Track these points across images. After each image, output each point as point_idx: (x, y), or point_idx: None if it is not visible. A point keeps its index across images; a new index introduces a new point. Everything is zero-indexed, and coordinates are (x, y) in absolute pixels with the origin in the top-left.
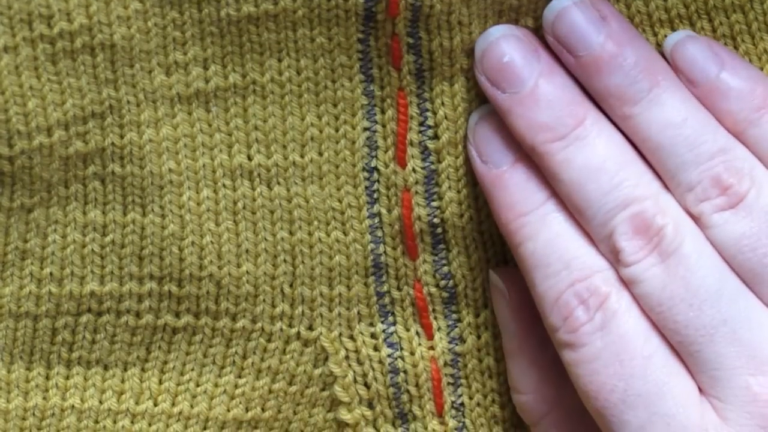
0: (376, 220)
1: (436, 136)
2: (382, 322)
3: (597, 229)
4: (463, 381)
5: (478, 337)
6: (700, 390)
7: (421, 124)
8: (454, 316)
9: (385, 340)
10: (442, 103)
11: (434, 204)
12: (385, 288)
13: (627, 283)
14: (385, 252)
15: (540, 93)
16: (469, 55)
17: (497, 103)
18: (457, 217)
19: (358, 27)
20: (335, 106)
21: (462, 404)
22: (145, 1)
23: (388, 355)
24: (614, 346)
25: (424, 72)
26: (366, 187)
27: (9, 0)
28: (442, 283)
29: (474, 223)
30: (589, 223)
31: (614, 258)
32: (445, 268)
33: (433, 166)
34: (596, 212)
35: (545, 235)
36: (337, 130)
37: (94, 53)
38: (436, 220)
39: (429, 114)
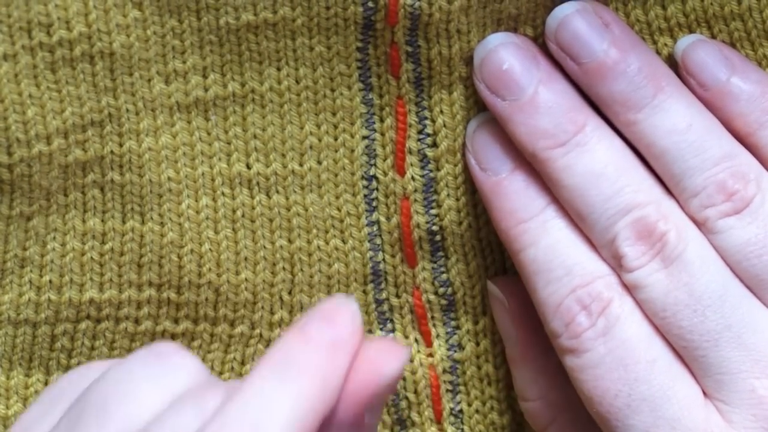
0: (375, 227)
1: (434, 144)
2: (381, 329)
3: (599, 235)
4: (461, 388)
5: (477, 344)
6: (705, 393)
7: (420, 132)
8: (453, 323)
9: None
10: (441, 111)
11: (433, 212)
12: (384, 295)
13: (630, 289)
14: (384, 260)
15: (540, 100)
16: (467, 63)
17: (497, 111)
18: (456, 225)
19: (357, 36)
20: (334, 114)
21: (461, 411)
22: (144, 10)
23: None
24: (618, 351)
25: (423, 80)
26: (365, 195)
27: (8, 8)
28: (441, 290)
29: (473, 230)
30: (590, 229)
31: (616, 264)
32: (444, 276)
33: (432, 174)
34: (598, 218)
35: (546, 241)
36: (336, 139)
37: (93, 61)
38: (434, 228)
39: (428, 122)
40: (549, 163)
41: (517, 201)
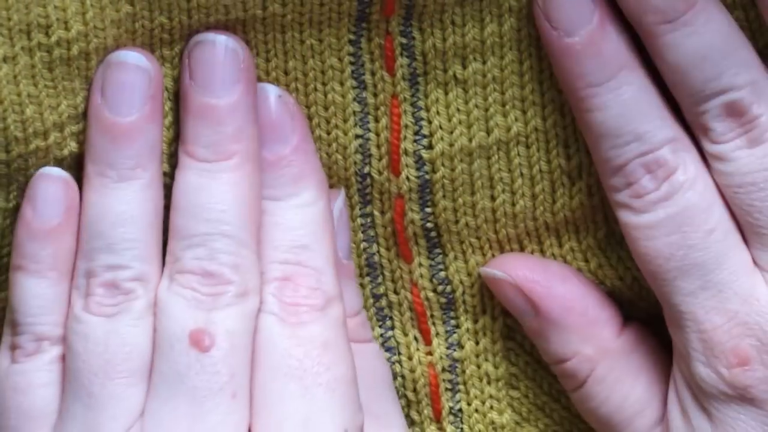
0: (369, 219)
1: (430, 146)
2: (380, 326)
3: (690, 108)
4: (461, 387)
5: (477, 343)
6: (755, 263)
7: (416, 133)
8: (453, 321)
9: (383, 344)
10: (437, 113)
11: (428, 209)
12: (382, 290)
13: (708, 157)
14: (378, 252)
15: None
16: (464, 63)
17: None
18: (453, 224)
19: (349, 28)
20: (326, 109)
21: (460, 410)
22: (136, 5)
23: (387, 359)
24: (677, 218)
25: (418, 77)
26: (358, 190)
27: (8, 12)
28: (440, 288)
29: (471, 229)
30: (682, 101)
31: (702, 133)
32: (442, 273)
33: (427, 176)
34: (694, 96)
35: (617, 108)
36: (328, 134)
37: (88, 58)
38: (429, 225)
39: (424, 123)
40: (654, 38)
41: (588, 65)
